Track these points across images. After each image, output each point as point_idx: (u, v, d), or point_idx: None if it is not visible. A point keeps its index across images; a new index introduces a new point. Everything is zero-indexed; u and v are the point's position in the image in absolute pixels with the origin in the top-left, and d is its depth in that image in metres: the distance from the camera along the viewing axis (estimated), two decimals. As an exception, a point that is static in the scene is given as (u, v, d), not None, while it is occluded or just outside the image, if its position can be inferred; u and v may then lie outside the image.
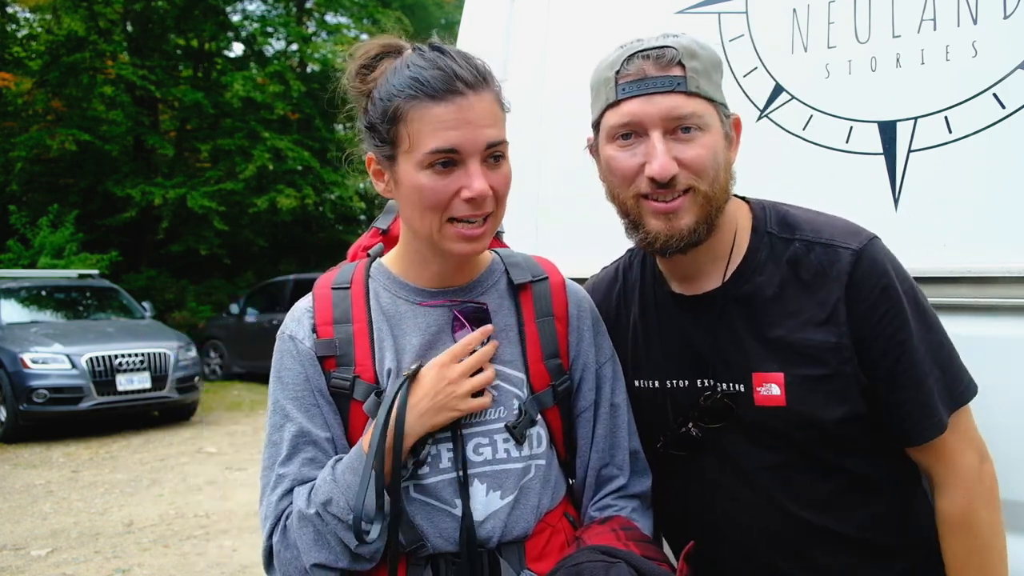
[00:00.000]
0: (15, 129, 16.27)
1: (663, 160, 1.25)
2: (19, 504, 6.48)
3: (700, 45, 1.31)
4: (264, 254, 19.65)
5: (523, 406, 1.37)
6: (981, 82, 1.52)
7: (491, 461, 1.34)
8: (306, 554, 1.26)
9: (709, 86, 1.29)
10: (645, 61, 1.27)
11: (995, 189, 1.50)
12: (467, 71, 1.25)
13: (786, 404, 1.30)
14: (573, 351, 1.45)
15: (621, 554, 1.26)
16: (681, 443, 1.41)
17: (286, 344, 1.38)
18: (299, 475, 1.32)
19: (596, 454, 1.45)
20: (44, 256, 14.24)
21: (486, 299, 1.42)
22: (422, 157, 1.24)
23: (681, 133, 1.27)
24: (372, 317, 1.38)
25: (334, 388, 1.35)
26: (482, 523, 1.32)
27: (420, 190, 1.26)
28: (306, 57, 18.94)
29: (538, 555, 1.36)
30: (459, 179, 1.25)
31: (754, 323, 1.35)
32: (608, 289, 1.59)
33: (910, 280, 1.33)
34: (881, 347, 1.28)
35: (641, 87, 1.27)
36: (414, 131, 1.25)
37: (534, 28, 2.18)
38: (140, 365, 9.58)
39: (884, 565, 1.35)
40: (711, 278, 1.40)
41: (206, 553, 5.28)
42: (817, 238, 1.34)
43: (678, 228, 1.29)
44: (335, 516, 1.24)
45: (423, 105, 1.24)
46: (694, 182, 1.27)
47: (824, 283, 1.30)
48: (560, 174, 2.10)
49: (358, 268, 1.45)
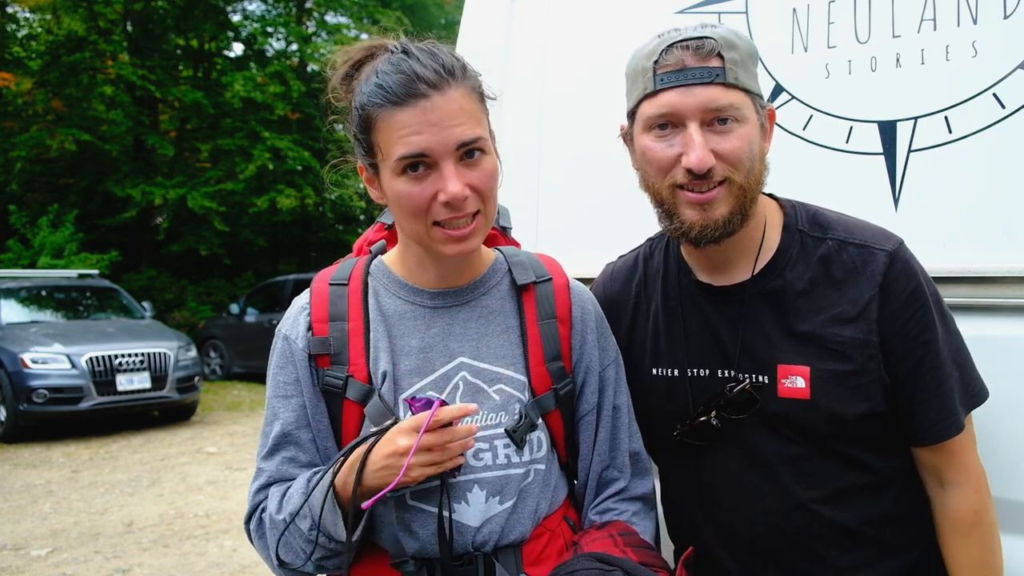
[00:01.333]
0: (15, 129, 16.26)
1: (701, 152, 1.25)
2: (19, 504, 6.48)
3: (738, 36, 1.30)
4: (264, 254, 19.66)
5: (524, 410, 1.35)
6: (981, 82, 1.52)
7: (491, 467, 1.33)
8: (274, 552, 1.31)
9: (747, 77, 1.29)
10: (684, 52, 1.26)
11: (995, 189, 1.50)
12: (430, 70, 1.21)
13: (810, 397, 1.32)
14: (576, 354, 1.43)
15: (617, 561, 1.25)
16: (699, 432, 1.41)
17: (280, 343, 1.39)
18: (277, 472, 1.36)
19: (598, 457, 1.44)
20: (44, 256, 14.24)
21: (488, 299, 1.41)
22: (394, 165, 1.22)
23: (718, 124, 1.26)
24: (369, 316, 1.37)
25: (327, 387, 1.34)
26: (479, 528, 1.32)
27: (399, 198, 1.24)
28: (306, 57, 18.94)
29: (536, 559, 1.35)
30: (435, 183, 1.22)
31: (782, 317, 1.36)
32: (627, 278, 1.59)
33: (933, 283, 1.35)
34: (908, 347, 1.30)
35: (680, 78, 1.26)
36: (383, 140, 1.23)
37: (534, 28, 2.18)
38: (140, 365, 9.58)
39: (890, 562, 1.35)
40: (740, 271, 1.41)
41: (206, 553, 5.28)
42: (850, 238, 1.35)
43: (713, 218, 1.29)
44: (300, 529, 1.28)
45: (388, 112, 1.21)
46: (730, 174, 1.27)
47: (856, 282, 1.32)
48: (560, 173, 2.10)
49: (358, 265, 1.43)
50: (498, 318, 1.40)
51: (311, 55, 18.65)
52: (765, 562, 1.39)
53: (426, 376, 1.34)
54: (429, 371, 1.35)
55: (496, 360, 1.37)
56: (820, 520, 1.34)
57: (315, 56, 18.48)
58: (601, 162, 2.00)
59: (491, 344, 1.37)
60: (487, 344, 1.37)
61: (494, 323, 1.39)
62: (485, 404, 1.34)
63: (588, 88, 2.01)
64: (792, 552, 1.37)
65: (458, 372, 1.35)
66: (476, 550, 1.32)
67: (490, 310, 1.40)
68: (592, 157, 2.03)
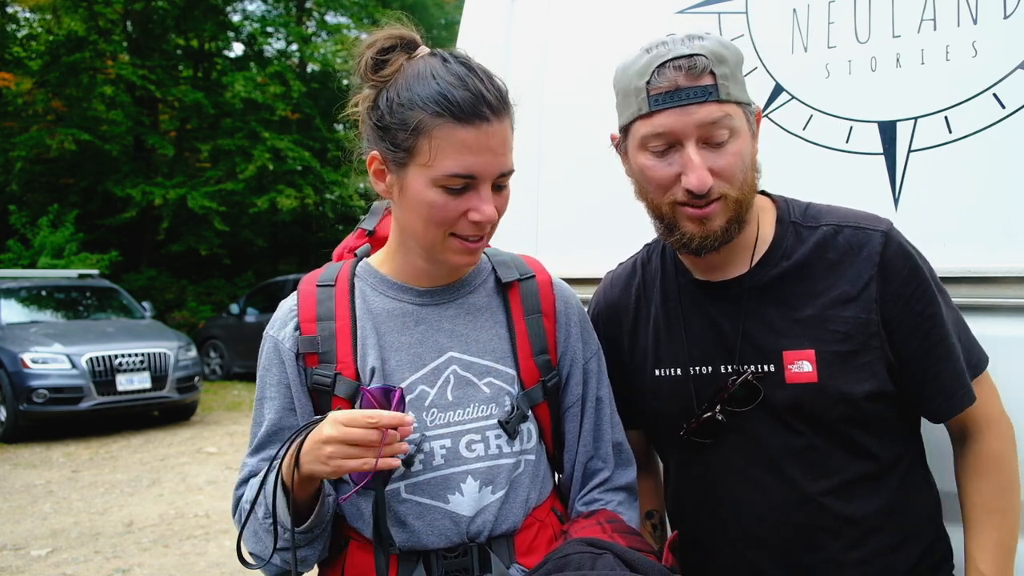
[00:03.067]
0: (15, 129, 16.25)
1: (700, 173, 1.28)
2: (19, 504, 6.48)
3: (725, 45, 1.32)
4: (264, 254, 19.66)
5: (515, 402, 1.38)
6: (981, 82, 1.52)
7: (483, 457, 1.35)
8: (245, 541, 1.34)
9: (737, 89, 1.31)
10: (677, 72, 1.27)
11: (995, 189, 1.50)
12: (493, 95, 1.24)
13: (817, 380, 1.33)
14: (561, 347, 1.47)
15: (607, 545, 1.28)
16: (705, 429, 1.43)
17: (268, 344, 1.42)
18: (256, 468, 1.39)
19: (583, 448, 1.48)
20: (44, 256, 14.23)
21: (475, 297, 1.43)
22: (438, 176, 1.24)
23: (714, 141, 1.29)
24: (356, 315, 1.39)
25: (315, 385, 1.36)
26: (473, 518, 1.33)
27: (430, 205, 1.26)
28: (306, 57, 18.93)
29: (527, 549, 1.38)
30: (469, 201, 1.25)
31: (783, 304, 1.38)
32: (626, 283, 1.60)
33: (926, 259, 1.38)
34: (914, 322, 1.32)
35: (675, 99, 1.27)
36: (435, 148, 1.23)
37: (534, 28, 2.18)
38: (140, 365, 9.58)
39: (895, 556, 1.36)
40: (737, 267, 1.43)
41: (206, 553, 5.28)
42: (844, 222, 1.38)
43: (712, 230, 1.33)
44: (258, 517, 1.30)
45: (448, 125, 1.22)
46: (726, 190, 1.31)
47: (854, 262, 1.35)
48: (560, 174, 2.10)
49: (343, 267, 1.46)
50: (485, 314, 1.43)
51: (311, 55, 18.65)
52: (771, 557, 1.39)
53: (417, 370, 1.36)
54: (420, 366, 1.36)
55: (485, 354, 1.39)
56: (827, 513, 1.35)
57: (315, 56, 18.49)
58: (601, 163, 1.99)
59: (480, 339, 1.40)
60: (476, 339, 1.40)
61: (482, 319, 1.42)
62: (476, 397, 1.37)
63: (588, 88, 2.01)
64: (799, 547, 1.37)
65: (448, 366, 1.37)
66: (471, 541, 1.33)
67: (477, 307, 1.43)
68: (592, 157, 2.02)
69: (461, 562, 1.32)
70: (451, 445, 1.35)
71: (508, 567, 1.34)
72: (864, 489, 1.36)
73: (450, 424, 1.35)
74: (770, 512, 1.38)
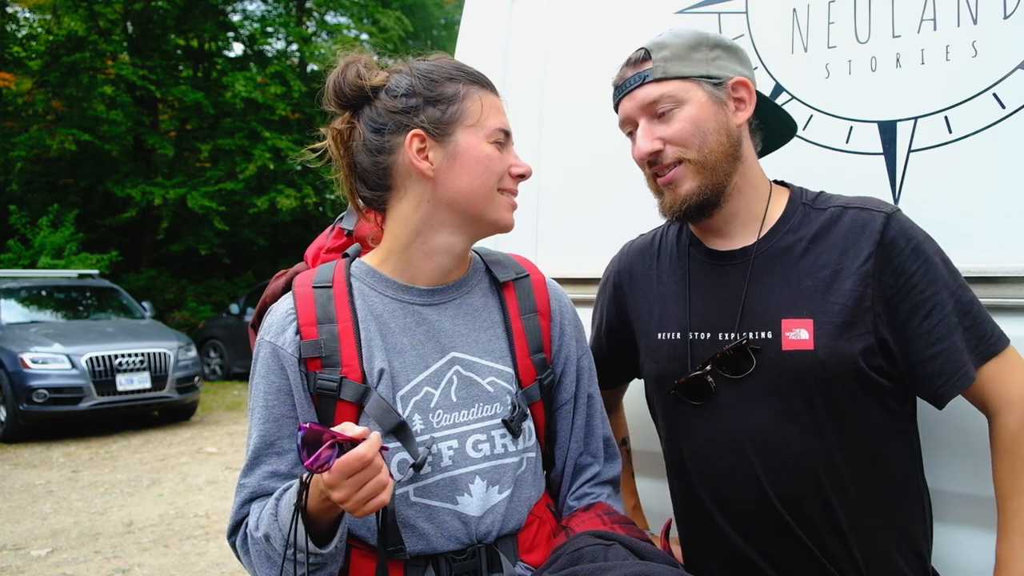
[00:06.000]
0: (15, 129, 16.24)
1: (640, 143, 1.45)
2: (19, 504, 6.48)
3: (675, 33, 1.45)
4: (264, 254, 19.63)
5: (516, 400, 1.39)
6: (981, 82, 1.52)
7: (489, 456, 1.36)
8: (258, 568, 1.30)
9: (681, 66, 1.42)
10: (626, 68, 1.48)
11: (995, 189, 1.50)
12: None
13: (814, 348, 1.36)
14: (556, 345, 1.50)
15: (614, 536, 1.32)
16: (693, 389, 1.45)
17: (265, 351, 1.36)
18: (258, 488, 1.34)
19: (575, 444, 1.50)
20: (44, 256, 14.22)
21: (471, 297, 1.44)
22: (490, 132, 1.36)
23: (660, 115, 1.43)
24: (358, 316, 1.36)
25: (320, 390, 1.32)
26: (481, 518, 1.33)
27: (489, 158, 1.36)
28: (306, 57, 18.92)
29: (529, 546, 1.39)
30: (508, 157, 1.39)
31: (786, 274, 1.42)
32: (643, 250, 1.68)
33: (936, 243, 1.39)
34: (912, 302, 1.34)
35: (623, 89, 1.48)
36: (474, 108, 1.36)
37: (534, 28, 2.18)
38: (140, 365, 9.57)
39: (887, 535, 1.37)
40: (745, 238, 1.49)
41: (206, 553, 5.28)
42: (851, 204, 1.44)
43: (681, 195, 1.44)
44: (275, 548, 1.26)
45: (482, 89, 1.39)
46: (681, 153, 1.42)
47: (856, 240, 1.39)
48: (560, 174, 2.10)
49: (338, 267, 1.43)
50: (483, 314, 1.43)
51: (311, 55, 18.63)
52: (763, 530, 1.40)
53: (421, 372, 1.36)
54: (423, 367, 1.36)
55: (485, 354, 1.40)
56: (815, 482, 1.36)
57: (315, 56, 18.47)
58: (601, 163, 2.00)
59: (479, 339, 1.41)
60: (476, 339, 1.41)
61: (480, 319, 1.43)
62: (480, 397, 1.38)
63: (588, 89, 2.01)
64: (787, 514, 1.37)
65: (451, 367, 1.38)
66: (479, 542, 1.33)
67: (475, 307, 1.44)
68: (592, 158, 2.03)
69: (470, 564, 1.32)
70: (458, 446, 1.34)
71: (514, 565, 1.35)
72: (854, 460, 1.37)
73: (456, 425, 1.35)
74: (758, 482, 1.39)
